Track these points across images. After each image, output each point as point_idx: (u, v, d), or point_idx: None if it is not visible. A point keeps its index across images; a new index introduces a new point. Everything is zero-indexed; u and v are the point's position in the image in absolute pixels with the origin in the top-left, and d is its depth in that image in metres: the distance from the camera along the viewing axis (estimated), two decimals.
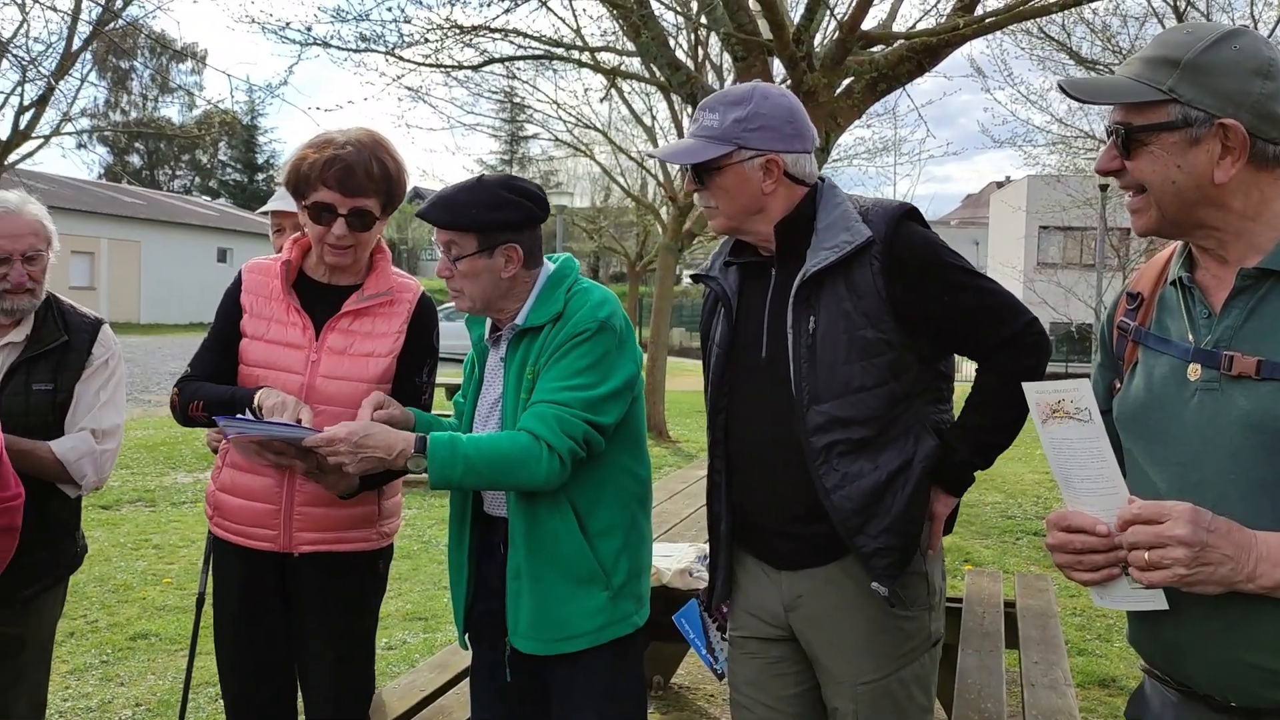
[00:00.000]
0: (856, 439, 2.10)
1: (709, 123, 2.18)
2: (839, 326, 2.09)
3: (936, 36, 6.99)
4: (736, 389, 2.27)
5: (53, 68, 9.58)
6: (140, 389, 17.16)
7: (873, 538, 2.10)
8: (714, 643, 2.51)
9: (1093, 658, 5.43)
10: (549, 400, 2.27)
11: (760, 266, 2.27)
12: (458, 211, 2.34)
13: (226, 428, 2.41)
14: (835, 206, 2.17)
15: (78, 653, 5.17)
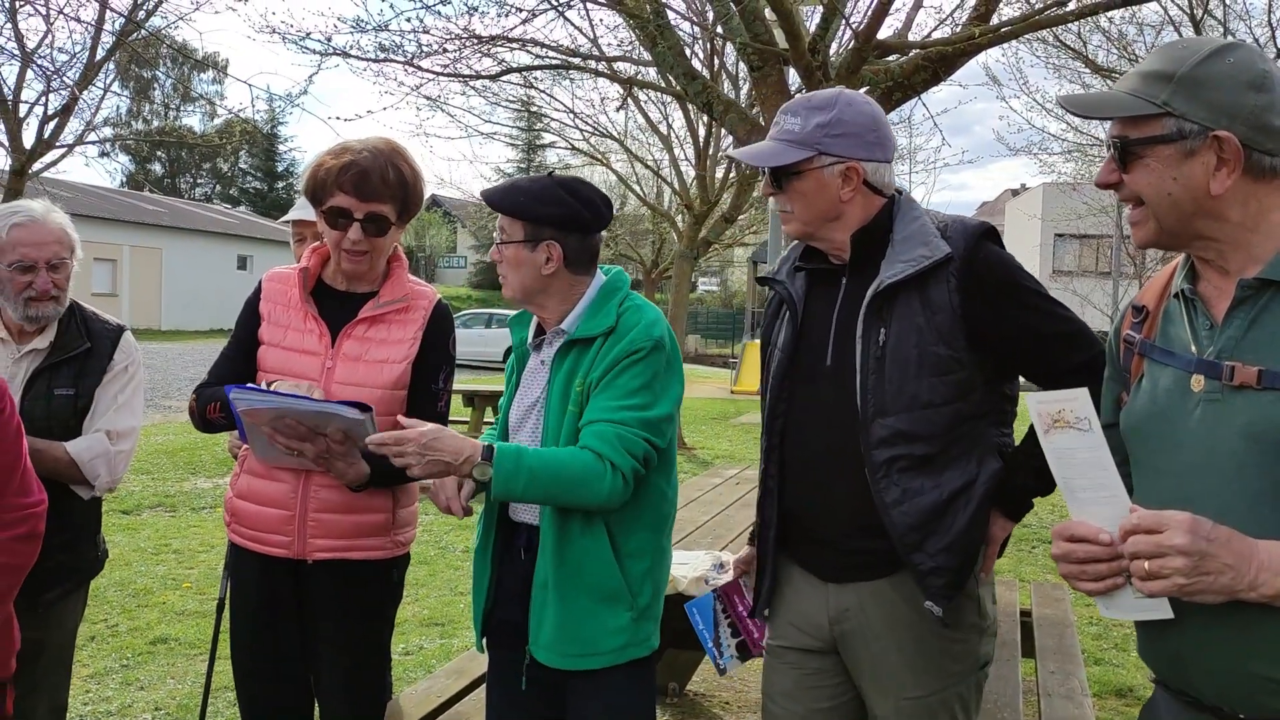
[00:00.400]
0: (919, 455, 2.08)
1: (791, 126, 2.17)
2: (910, 340, 2.08)
3: (952, 46, 7.00)
4: (796, 395, 2.24)
5: (76, 77, 9.70)
6: (161, 395, 17.28)
7: (930, 556, 2.07)
8: (722, 639, 2.51)
9: (1109, 667, 5.41)
10: (608, 419, 2.28)
11: (830, 274, 2.26)
12: (510, 195, 2.39)
13: (237, 400, 2.42)
14: (913, 220, 2.16)
15: (98, 657, 5.22)
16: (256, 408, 2.42)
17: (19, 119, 9.51)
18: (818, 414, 2.20)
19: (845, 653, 2.25)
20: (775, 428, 2.26)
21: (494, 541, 2.53)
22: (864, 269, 2.17)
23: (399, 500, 2.70)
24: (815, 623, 2.26)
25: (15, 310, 2.83)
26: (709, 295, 47.50)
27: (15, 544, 2.21)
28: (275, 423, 2.44)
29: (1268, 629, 1.48)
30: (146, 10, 9.71)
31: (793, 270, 2.33)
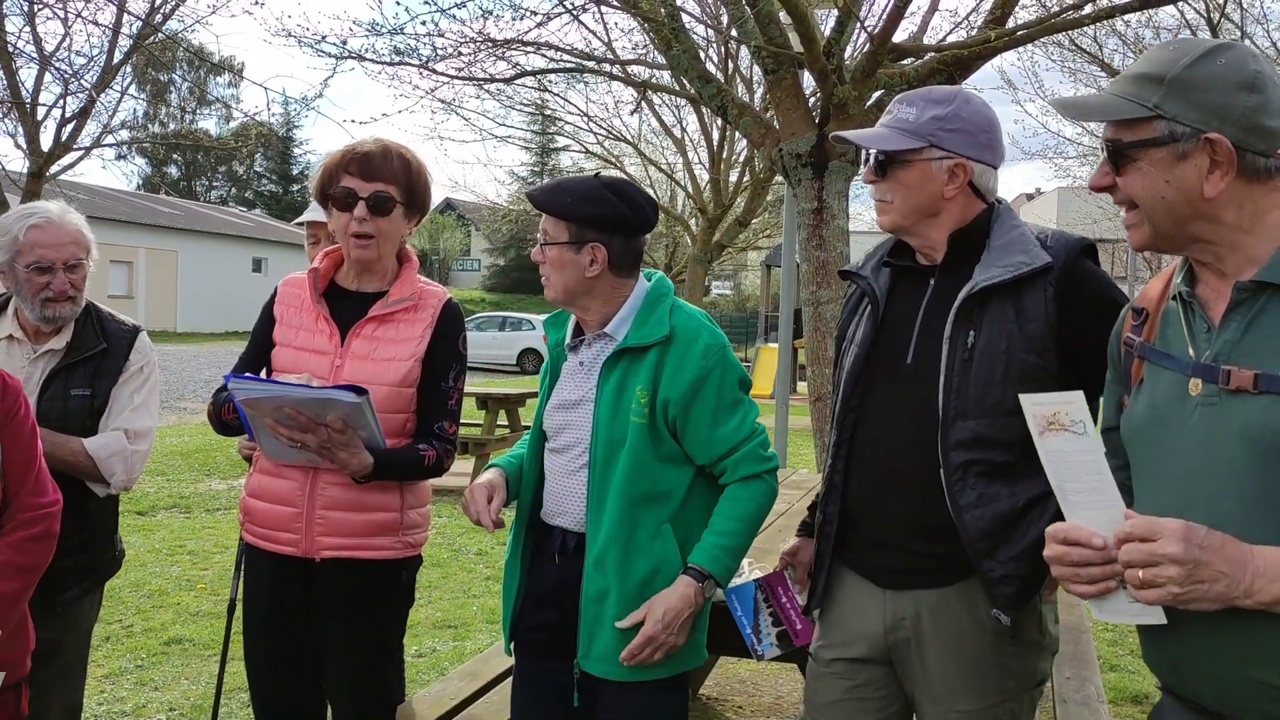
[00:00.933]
0: (998, 462, 2.05)
1: (905, 115, 2.15)
2: (999, 346, 2.05)
3: (968, 49, 6.97)
4: (871, 392, 2.22)
5: (94, 81, 9.76)
6: (176, 396, 17.36)
7: (1001, 563, 2.04)
8: (762, 627, 2.48)
9: (1125, 673, 5.38)
10: (746, 437, 2.37)
11: (917, 272, 2.24)
12: (556, 196, 2.38)
13: (235, 389, 2.45)
14: (1013, 229, 2.15)
15: (113, 657, 5.24)
16: (255, 397, 2.45)
17: (37, 122, 9.58)
18: (893, 412, 2.18)
19: (898, 663, 2.22)
20: (846, 423, 2.24)
21: (526, 544, 2.52)
22: (956, 270, 2.15)
23: (408, 500, 2.70)
24: (869, 631, 2.22)
25: (32, 311, 2.85)
26: (722, 299, 47.48)
27: (31, 544, 2.23)
28: (276, 413, 2.45)
29: (1266, 635, 1.47)
30: (164, 14, 9.77)
31: (878, 266, 2.30)
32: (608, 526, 2.35)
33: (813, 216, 7.13)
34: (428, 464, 2.64)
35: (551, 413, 2.50)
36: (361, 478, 2.54)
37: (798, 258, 7.67)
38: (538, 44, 9.15)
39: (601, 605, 2.36)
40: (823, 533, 2.30)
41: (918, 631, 2.17)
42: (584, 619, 2.38)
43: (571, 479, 2.44)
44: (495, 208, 29.28)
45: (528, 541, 2.53)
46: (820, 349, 7.10)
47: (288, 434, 2.47)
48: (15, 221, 2.86)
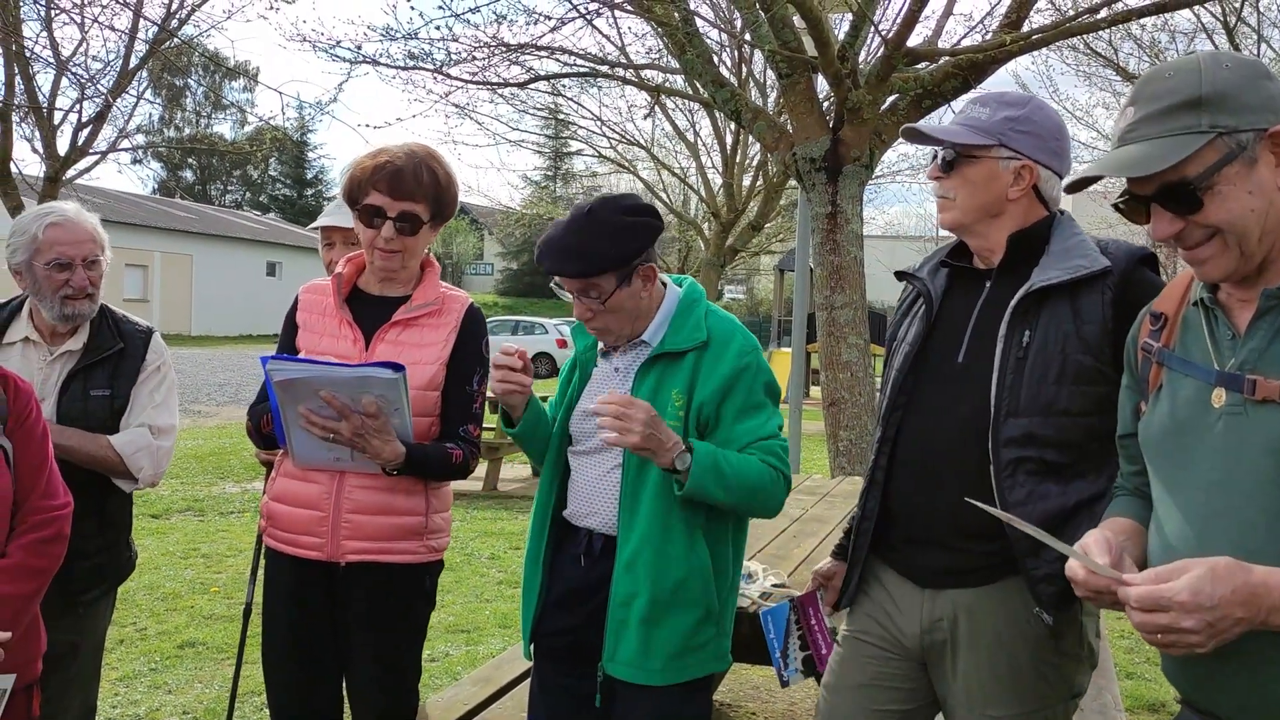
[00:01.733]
0: (1049, 460, 2.05)
1: (977, 115, 2.17)
2: (1055, 346, 2.05)
3: (983, 53, 6.95)
4: (918, 389, 2.22)
5: (110, 85, 9.80)
6: (190, 400, 17.42)
7: (1046, 562, 2.03)
8: (790, 650, 2.48)
9: (1141, 682, 5.33)
10: (765, 436, 2.34)
11: (974, 274, 2.24)
12: (593, 259, 2.30)
13: (273, 370, 2.45)
14: (1072, 235, 2.16)
15: (127, 660, 5.25)
16: (291, 378, 2.44)
17: (54, 126, 9.63)
18: (942, 409, 2.17)
19: (932, 664, 2.20)
20: (893, 420, 2.24)
21: (546, 546, 2.51)
22: (1013, 273, 2.15)
23: (433, 504, 2.70)
24: (906, 629, 2.22)
25: (51, 309, 2.85)
26: (735, 303, 47.47)
27: (43, 546, 2.23)
28: (311, 400, 2.46)
29: None
30: (180, 19, 9.82)
31: (935, 267, 2.32)
32: (641, 530, 2.34)
33: (826, 221, 7.12)
34: (455, 462, 2.64)
35: (581, 417, 2.49)
36: (393, 469, 2.54)
37: (811, 262, 7.66)
38: (551, 48, 9.17)
39: (629, 609, 2.35)
40: (860, 528, 2.28)
41: (954, 633, 2.15)
42: (611, 622, 2.37)
43: (603, 481, 2.43)
44: (509, 212, 29.35)
45: (549, 544, 2.52)
46: (834, 353, 7.09)
47: (321, 423, 2.47)
48: (33, 221, 2.87)
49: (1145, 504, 1.76)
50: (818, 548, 3.59)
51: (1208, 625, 1.39)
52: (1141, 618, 1.44)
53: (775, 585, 3.01)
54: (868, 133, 7.10)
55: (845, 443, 6.99)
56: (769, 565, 3.20)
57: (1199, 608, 1.39)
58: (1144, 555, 1.70)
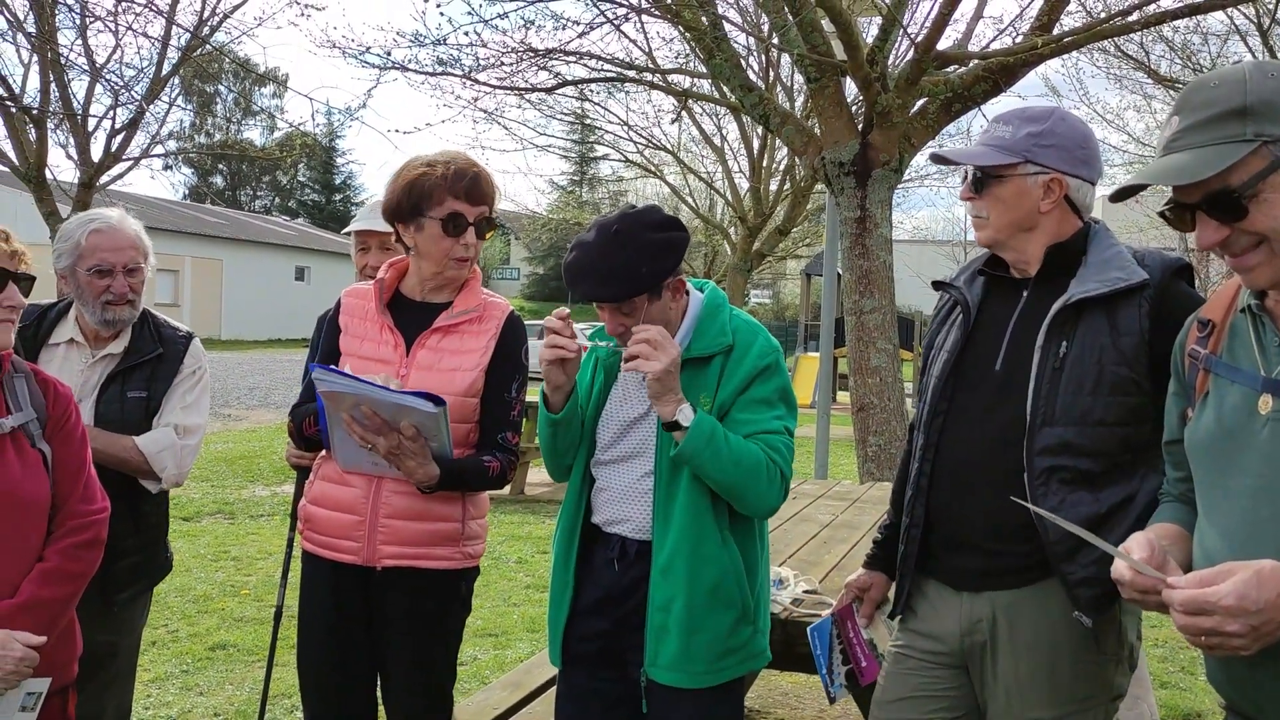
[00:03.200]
0: (1083, 470, 2.07)
1: (1001, 134, 2.20)
2: (1092, 357, 2.07)
3: (1014, 56, 6.91)
4: (956, 397, 2.25)
5: (143, 92, 9.91)
6: (220, 403, 17.56)
7: (1082, 566, 2.05)
8: (835, 666, 2.48)
9: (1176, 691, 5.27)
10: (769, 430, 2.34)
11: (1011, 283, 2.27)
12: (626, 283, 2.29)
13: (319, 380, 2.48)
14: (1109, 247, 2.17)
15: (159, 661, 5.29)
16: (336, 390, 2.47)
17: (88, 133, 9.74)
18: (979, 417, 2.20)
19: (973, 667, 2.22)
20: (934, 426, 2.26)
21: (576, 552, 2.52)
22: (1050, 284, 2.18)
23: (469, 511, 2.70)
24: (946, 632, 2.23)
25: (93, 314, 2.90)
26: (761, 308, 47.37)
27: (80, 550, 2.25)
28: (353, 410, 2.48)
29: None
30: (211, 26, 9.91)
31: (972, 276, 2.35)
32: (675, 534, 2.35)
33: (855, 225, 7.09)
34: (492, 475, 2.64)
35: (609, 424, 2.49)
36: (427, 488, 2.55)
37: (840, 267, 7.63)
38: (579, 53, 9.18)
39: (668, 614, 2.35)
40: (909, 535, 2.30)
41: (994, 634, 2.17)
42: (650, 627, 2.37)
43: (635, 487, 2.44)
44: (535, 216, 29.41)
45: (579, 550, 2.52)
46: (863, 359, 7.06)
47: (360, 433, 2.49)
48: (77, 227, 2.92)
49: (1191, 510, 1.76)
50: (848, 554, 3.57)
51: (1252, 629, 1.39)
52: (1186, 620, 1.44)
53: (806, 591, 3.00)
54: (897, 136, 7.07)
55: (874, 448, 6.96)
56: (800, 571, 3.18)
57: (1244, 611, 1.38)
58: (1189, 561, 1.69)
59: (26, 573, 2.19)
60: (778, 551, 3.55)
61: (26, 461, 2.21)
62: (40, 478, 2.22)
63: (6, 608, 2.15)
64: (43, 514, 2.22)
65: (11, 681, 2.11)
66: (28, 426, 2.24)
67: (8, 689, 2.12)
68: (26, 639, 2.12)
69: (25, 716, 2.16)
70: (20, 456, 2.20)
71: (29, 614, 2.16)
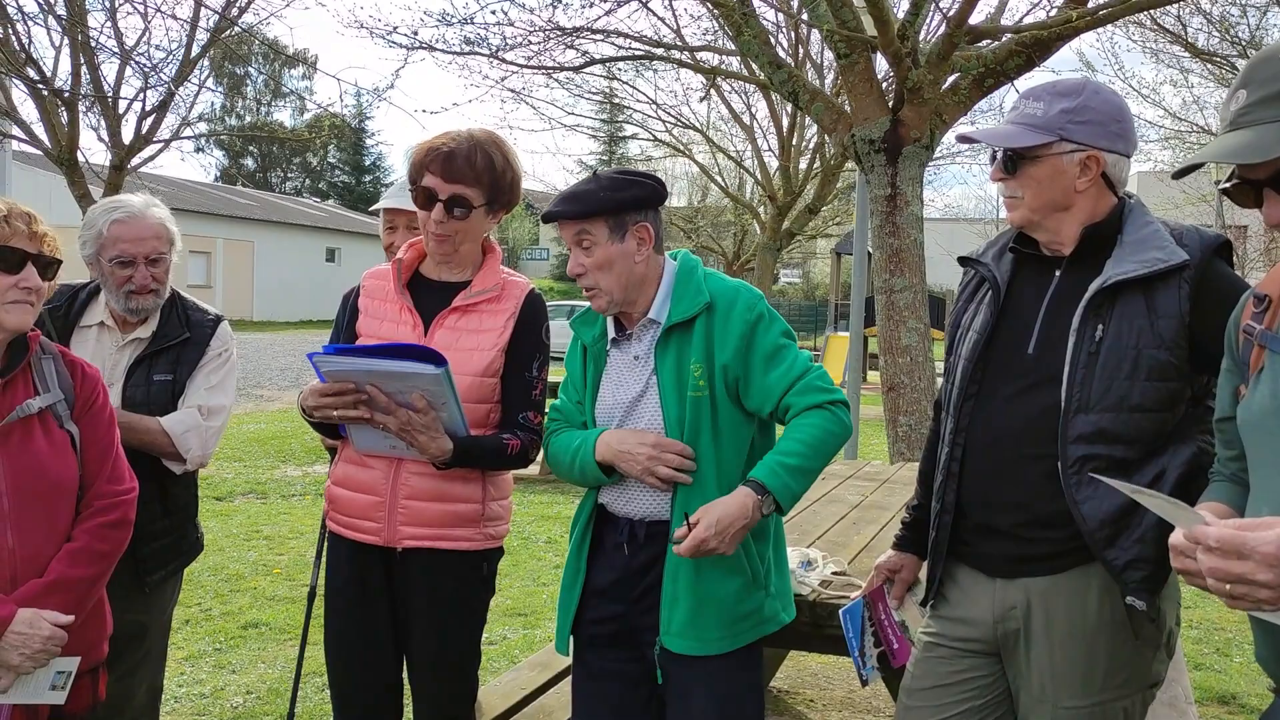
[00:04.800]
0: (1118, 457, 2.02)
1: (1032, 111, 2.13)
2: (1129, 341, 2.02)
3: (1048, 30, 6.79)
4: (987, 380, 2.20)
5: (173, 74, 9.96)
6: (253, 384, 17.72)
7: (1125, 549, 2.00)
8: (866, 648, 2.46)
9: (1211, 673, 5.20)
10: (800, 375, 2.34)
11: (1042, 261, 2.21)
12: (585, 199, 2.35)
13: (320, 363, 2.47)
14: (1146, 225, 2.11)
15: (193, 640, 5.35)
16: (337, 370, 2.47)
17: (118, 115, 9.80)
18: (1010, 403, 2.15)
19: (1006, 655, 2.18)
20: (965, 410, 2.21)
21: (589, 539, 2.51)
22: (1084, 264, 2.12)
23: (490, 492, 2.70)
24: (978, 619, 2.20)
25: (117, 302, 2.91)
26: (791, 287, 47.16)
27: (108, 530, 2.26)
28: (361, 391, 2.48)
29: None
30: (239, 7, 9.93)
31: (1000, 253, 2.29)
32: (679, 506, 2.35)
33: (886, 203, 7.02)
34: (512, 453, 2.63)
35: (608, 409, 2.48)
36: (442, 464, 2.54)
37: (870, 245, 7.56)
38: (606, 31, 9.13)
39: (677, 583, 2.37)
40: (940, 521, 2.26)
41: (1028, 622, 2.13)
42: (665, 597, 2.38)
43: None
44: None
45: (593, 536, 2.52)
46: (893, 337, 7.00)
47: (368, 414, 2.50)
48: (100, 215, 2.91)
49: (1243, 490, 1.72)
50: (878, 535, 3.54)
51: None
52: (1214, 563, 1.40)
53: (835, 573, 2.97)
54: (928, 113, 6.98)
55: (904, 428, 6.90)
56: (828, 552, 3.15)
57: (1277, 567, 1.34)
58: None
59: (55, 552, 2.20)
60: (806, 533, 3.52)
61: (54, 442, 2.22)
62: (68, 458, 2.23)
63: (35, 587, 2.16)
64: (70, 494, 2.24)
65: (40, 660, 2.13)
66: (55, 407, 2.25)
67: (37, 668, 2.14)
68: (55, 618, 2.14)
69: (55, 695, 2.18)
70: (48, 437, 2.22)
71: (57, 593, 2.17)
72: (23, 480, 2.16)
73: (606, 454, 2.40)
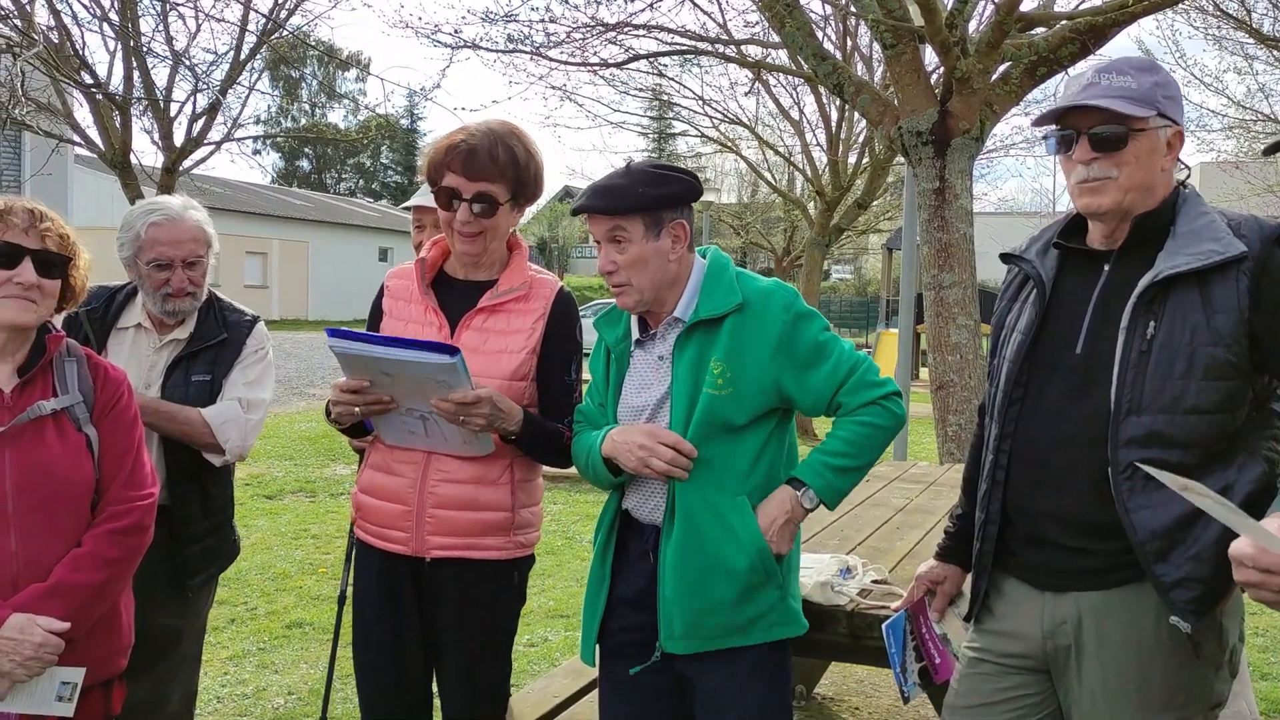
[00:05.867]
0: (1174, 462, 1.87)
1: (1124, 83, 1.98)
2: (1183, 338, 1.90)
3: (1104, 16, 6.58)
4: (1033, 382, 2.09)
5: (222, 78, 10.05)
6: (305, 383, 17.93)
7: (1176, 566, 1.88)
8: (908, 664, 2.36)
9: (1276, 683, 5.01)
10: (849, 371, 2.31)
11: (1088, 256, 2.10)
12: (621, 194, 2.27)
13: (333, 345, 2.43)
14: (1201, 215, 1.99)
15: (237, 639, 5.38)
16: (351, 354, 2.43)
17: (170, 118, 9.91)
18: (1058, 405, 2.04)
19: (1056, 672, 2.07)
20: (1010, 415, 2.10)
21: (616, 546, 2.45)
22: (1134, 257, 2.01)
23: (520, 499, 2.64)
24: (1026, 635, 2.09)
25: (154, 304, 2.91)
26: (842, 283, 46.75)
27: (118, 536, 2.21)
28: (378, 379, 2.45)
29: None
30: (287, 10, 9.99)
31: (1044, 249, 2.17)
32: (682, 506, 2.30)
33: (934, 197, 6.86)
34: (566, 442, 2.58)
35: (632, 412, 2.41)
36: (511, 436, 2.49)
37: (919, 240, 7.41)
38: (649, 26, 9.05)
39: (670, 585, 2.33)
40: (985, 533, 2.16)
41: (1079, 638, 2.01)
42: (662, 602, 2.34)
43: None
44: None
45: (618, 544, 2.45)
46: (942, 334, 6.84)
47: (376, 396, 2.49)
48: (138, 217, 2.91)
49: None
50: (922, 540, 3.42)
51: None
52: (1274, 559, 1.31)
53: (875, 581, 2.87)
54: (978, 103, 6.80)
55: (954, 427, 6.75)
56: (869, 559, 3.05)
57: None
58: None
59: (61, 557, 2.16)
60: (847, 538, 3.42)
61: (68, 444, 2.19)
62: (81, 461, 2.20)
63: (33, 591, 2.11)
64: (82, 498, 2.20)
65: (33, 668, 2.07)
66: (73, 410, 2.23)
67: (31, 676, 2.08)
68: (49, 624, 2.08)
69: (62, 707, 2.12)
70: (61, 439, 2.19)
71: (55, 599, 2.11)
72: (29, 482, 2.13)
73: (608, 448, 2.35)
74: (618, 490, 2.45)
